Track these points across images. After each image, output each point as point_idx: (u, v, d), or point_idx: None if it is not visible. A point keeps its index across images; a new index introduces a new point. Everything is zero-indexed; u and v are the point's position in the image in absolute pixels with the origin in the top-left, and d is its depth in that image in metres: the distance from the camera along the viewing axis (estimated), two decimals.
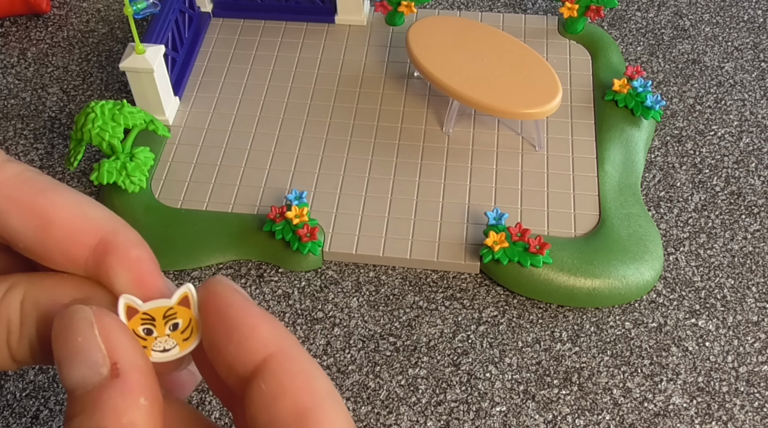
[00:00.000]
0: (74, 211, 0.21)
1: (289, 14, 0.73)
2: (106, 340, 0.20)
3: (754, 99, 0.67)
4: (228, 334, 0.21)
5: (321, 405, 0.20)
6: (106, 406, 0.19)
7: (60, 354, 0.20)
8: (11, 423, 0.51)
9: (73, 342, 0.19)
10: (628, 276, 0.55)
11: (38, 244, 0.21)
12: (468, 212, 0.59)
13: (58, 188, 0.21)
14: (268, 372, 0.20)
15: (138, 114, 0.60)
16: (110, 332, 0.20)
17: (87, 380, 0.19)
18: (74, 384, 0.19)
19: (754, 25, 0.73)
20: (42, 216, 0.21)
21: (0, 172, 0.21)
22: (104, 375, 0.19)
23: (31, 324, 0.21)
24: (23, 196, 0.21)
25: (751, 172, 0.62)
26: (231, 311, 0.21)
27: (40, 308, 0.21)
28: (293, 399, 0.19)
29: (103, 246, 0.21)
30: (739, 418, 0.50)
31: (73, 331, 0.20)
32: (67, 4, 0.77)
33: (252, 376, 0.20)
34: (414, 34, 0.64)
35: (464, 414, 0.50)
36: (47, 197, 0.21)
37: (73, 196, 0.22)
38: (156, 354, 0.22)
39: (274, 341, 0.20)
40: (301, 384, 0.20)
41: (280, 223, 0.57)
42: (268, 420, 0.19)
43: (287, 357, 0.20)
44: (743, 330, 0.54)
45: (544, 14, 0.74)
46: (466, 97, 0.60)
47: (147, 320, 0.21)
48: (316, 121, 0.66)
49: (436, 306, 0.55)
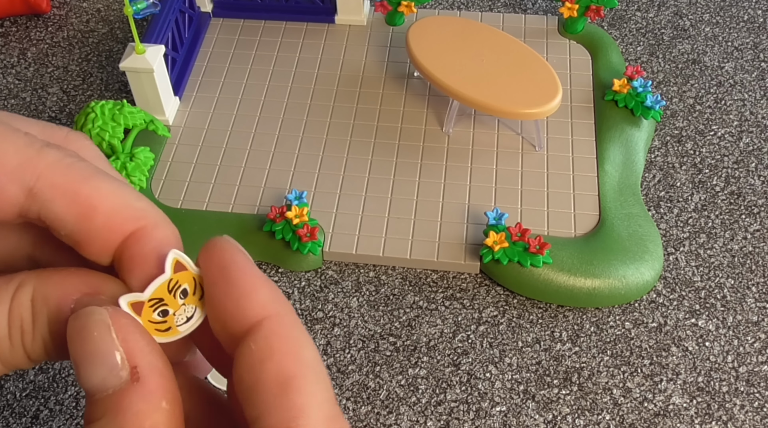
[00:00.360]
0: (118, 199, 0.21)
1: (289, 14, 0.73)
2: (124, 343, 0.20)
3: (754, 99, 0.67)
4: (228, 290, 0.21)
5: (305, 374, 0.20)
6: (128, 411, 0.19)
7: (77, 357, 0.19)
8: (11, 423, 0.51)
9: (91, 345, 0.19)
10: (628, 276, 0.55)
11: (80, 232, 0.21)
12: (468, 212, 0.59)
13: (101, 175, 0.21)
14: (260, 333, 0.20)
15: (138, 114, 0.60)
16: (128, 334, 0.20)
17: (107, 383, 0.19)
18: (94, 388, 0.19)
19: (754, 25, 0.73)
20: (85, 203, 0.21)
21: (40, 158, 0.21)
22: (124, 378, 0.19)
23: (43, 321, 0.21)
24: (67, 183, 0.21)
25: (751, 172, 0.62)
26: (234, 267, 0.21)
27: (50, 304, 0.21)
28: (279, 364, 0.19)
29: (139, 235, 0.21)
30: (739, 418, 0.50)
31: (90, 333, 0.19)
32: (67, 4, 0.77)
33: (244, 336, 0.20)
34: (414, 34, 0.64)
35: (464, 414, 0.50)
36: (90, 184, 0.21)
37: (116, 184, 0.21)
38: (182, 327, 0.21)
39: (271, 305, 0.20)
40: (290, 350, 0.20)
41: (280, 223, 0.57)
42: (253, 381, 0.19)
43: (281, 322, 0.20)
44: (743, 330, 0.54)
45: (544, 14, 0.74)
46: (466, 97, 0.60)
47: (156, 303, 0.21)
48: (316, 121, 0.66)
49: (436, 306, 0.55)
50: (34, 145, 0.21)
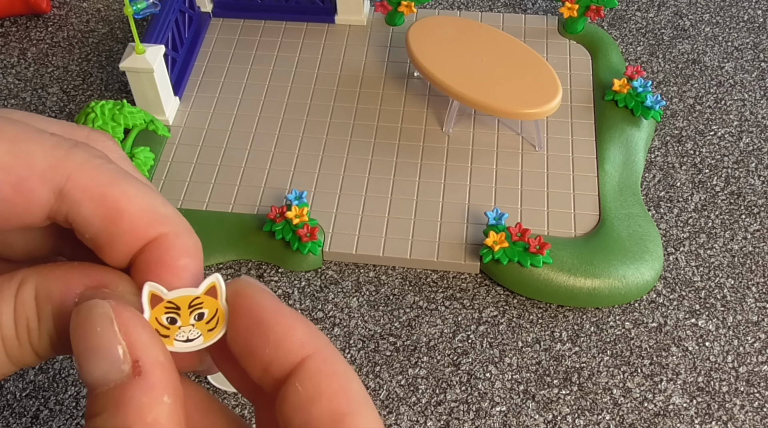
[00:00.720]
0: (144, 204, 0.21)
1: (289, 14, 0.73)
2: (126, 336, 0.19)
3: (754, 99, 0.67)
4: (264, 337, 0.20)
5: (357, 409, 0.20)
6: (130, 405, 0.19)
7: (79, 350, 0.19)
8: (11, 423, 0.51)
9: (93, 338, 0.19)
10: (628, 276, 0.55)
11: (105, 235, 0.21)
12: (468, 212, 0.59)
13: (128, 178, 0.21)
14: (304, 374, 0.20)
15: (138, 114, 0.60)
16: (130, 327, 0.20)
17: (108, 377, 0.19)
18: (95, 382, 0.19)
19: (754, 25, 0.73)
20: (112, 206, 0.20)
21: (68, 159, 0.20)
22: (126, 372, 0.19)
23: (48, 317, 0.21)
24: (95, 186, 0.20)
25: (751, 172, 0.62)
26: (265, 313, 0.21)
27: (54, 300, 0.21)
28: (330, 402, 0.20)
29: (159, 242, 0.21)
30: (739, 418, 0.50)
31: (92, 326, 0.19)
32: (67, 4, 0.77)
33: (287, 377, 0.20)
34: (414, 34, 0.64)
35: (464, 414, 0.50)
36: (118, 187, 0.21)
37: (143, 187, 0.21)
38: (178, 343, 0.21)
39: (310, 342, 0.20)
40: (338, 387, 0.20)
41: (280, 223, 0.57)
42: (304, 421, 0.19)
43: (324, 359, 0.20)
44: (743, 330, 0.54)
45: (544, 14, 0.74)
46: (466, 97, 0.60)
47: (171, 309, 0.21)
48: (316, 121, 0.66)
49: (436, 306, 0.55)
50: (63, 146, 0.21)
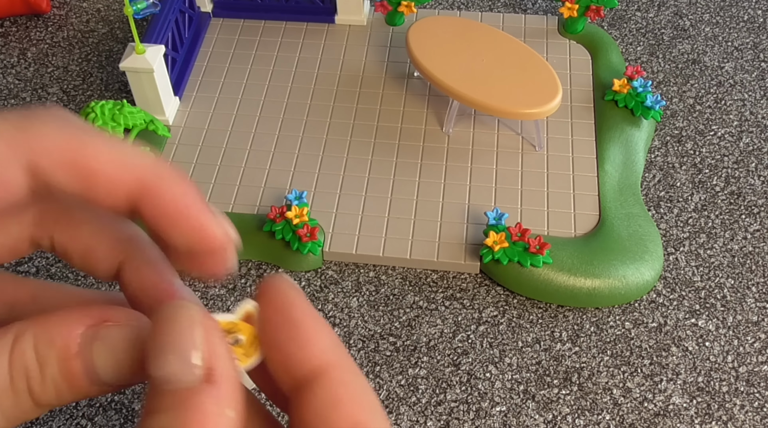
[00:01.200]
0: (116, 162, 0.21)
1: (289, 14, 0.73)
2: (207, 344, 0.20)
3: (754, 99, 0.67)
4: (292, 332, 0.21)
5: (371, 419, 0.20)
6: (197, 410, 0.19)
7: (156, 343, 0.19)
8: None
9: (174, 335, 0.19)
10: (628, 276, 0.55)
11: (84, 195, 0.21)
12: (468, 212, 0.59)
13: (98, 138, 0.22)
14: (326, 381, 0.20)
15: (138, 114, 0.60)
16: (212, 336, 0.20)
17: (179, 376, 0.19)
18: (164, 377, 0.19)
19: (754, 25, 0.73)
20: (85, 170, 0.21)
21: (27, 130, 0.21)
22: (198, 376, 0.19)
23: (53, 363, 0.21)
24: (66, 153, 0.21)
25: (751, 172, 0.62)
26: (296, 310, 0.21)
27: (57, 346, 0.21)
28: (349, 411, 0.20)
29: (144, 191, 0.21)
30: (739, 418, 0.50)
31: (178, 324, 0.19)
32: (67, 4, 0.77)
33: (306, 379, 0.21)
34: (414, 34, 0.64)
35: (464, 414, 0.50)
36: (89, 150, 0.21)
37: (113, 145, 0.22)
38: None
39: (332, 351, 0.21)
40: (356, 399, 0.20)
41: (280, 223, 0.57)
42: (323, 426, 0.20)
43: (344, 369, 0.21)
44: (743, 330, 0.54)
45: (544, 14, 0.74)
46: (466, 97, 0.60)
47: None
48: (316, 121, 0.66)
49: (436, 306, 0.55)
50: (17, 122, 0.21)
